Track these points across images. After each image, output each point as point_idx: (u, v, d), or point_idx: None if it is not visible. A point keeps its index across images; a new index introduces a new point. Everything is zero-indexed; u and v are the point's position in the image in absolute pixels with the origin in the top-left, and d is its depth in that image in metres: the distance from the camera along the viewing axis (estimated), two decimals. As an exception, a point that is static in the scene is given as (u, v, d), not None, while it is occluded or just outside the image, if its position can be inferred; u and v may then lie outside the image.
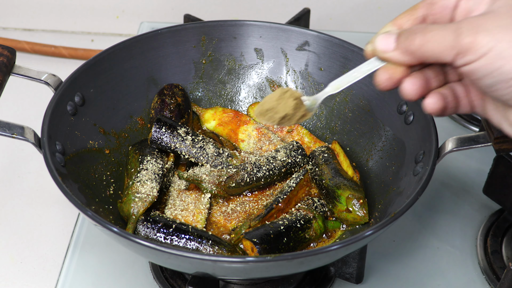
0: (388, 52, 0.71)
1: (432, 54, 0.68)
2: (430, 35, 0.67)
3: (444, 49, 0.66)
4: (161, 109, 1.06)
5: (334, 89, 0.78)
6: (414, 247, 1.03)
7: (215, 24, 1.12)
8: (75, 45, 1.48)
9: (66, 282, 0.97)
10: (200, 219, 0.94)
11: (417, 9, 0.73)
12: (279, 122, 0.79)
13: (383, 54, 0.71)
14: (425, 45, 0.68)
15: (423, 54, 0.68)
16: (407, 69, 0.72)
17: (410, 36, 0.69)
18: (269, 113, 0.79)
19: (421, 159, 0.91)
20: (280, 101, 0.79)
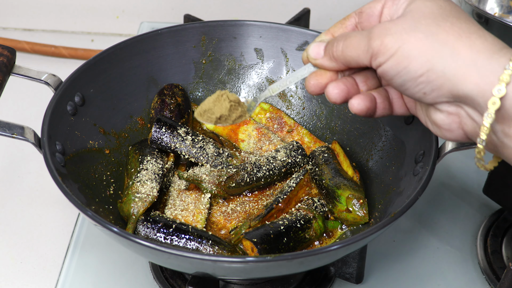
0: (318, 59, 0.78)
1: (352, 58, 0.74)
2: (348, 41, 0.74)
3: (361, 53, 0.72)
4: (161, 109, 1.06)
5: (271, 92, 0.84)
6: (414, 247, 1.03)
7: (215, 24, 1.12)
8: (75, 45, 1.48)
9: (66, 282, 0.97)
10: (200, 219, 0.94)
11: (348, 19, 0.80)
12: (216, 122, 0.84)
13: (314, 61, 0.78)
14: (345, 50, 0.74)
15: (345, 58, 0.75)
16: (334, 74, 0.78)
17: (334, 43, 0.76)
18: (207, 113, 0.85)
19: (421, 159, 0.91)
20: (216, 103, 0.84)
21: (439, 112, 0.72)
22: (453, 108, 0.70)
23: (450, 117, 0.71)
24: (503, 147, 0.68)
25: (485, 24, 1.11)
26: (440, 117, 0.72)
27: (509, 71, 0.64)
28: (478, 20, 1.12)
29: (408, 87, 0.70)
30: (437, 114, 0.72)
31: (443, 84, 0.68)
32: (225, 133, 1.10)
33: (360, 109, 0.77)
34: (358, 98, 0.77)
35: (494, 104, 0.65)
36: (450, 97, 0.69)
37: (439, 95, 0.69)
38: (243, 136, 1.09)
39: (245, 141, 1.09)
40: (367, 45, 0.71)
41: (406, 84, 0.70)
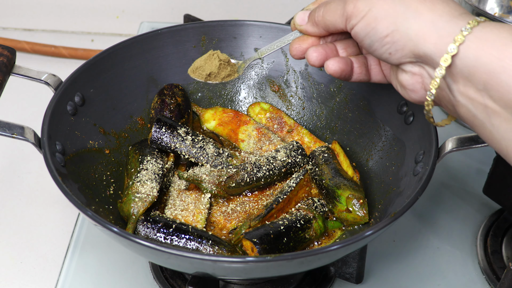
0: (302, 25, 0.85)
1: (330, 23, 0.81)
2: (328, 7, 0.81)
3: (337, 17, 0.79)
4: (161, 109, 1.06)
5: (260, 54, 0.92)
6: (414, 247, 1.03)
7: (215, 24, 1.12)
8: (75, 45, 1.48)
9: (66, 282, 0.97)
10: (200, 219, 0.94)
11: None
12: (206, 79, 0.94)
13: (299, 27, 0.86)
14: (324, 15, 0.81)
15: (325, 23, 0.81)
16: (316, 40, 0.85)
17: (316, 10, 0.83)
18: (198, 70, 0.95)
19: (421, 159, 0.91)
20: (207, 61, 0.95)
21: (404, 73, 0.77)
22: (416, 68, 0.75)
23: (414, 78, 0.76)
24: (458, 106, 0.72)
25: (485, 24, 1.10)
26: (405, 78, 0.77)
27: (465, 32, 0.68)
28: (478, 20, 1.12)
29: (376, 48, 0.76)
30: (403, 75, 0.77)
31: (406, 44, 0.73)
32: (225, 133, 1.10)
33: (334, 69, 0.83)
34: (333, 60, 0.83)
35: (445, 61, 0.69)
36: (412, 57, 0.74)
37: (403, 55, 0.74)
38: (243, 136, 1.09)
39: (245, 141, 1.09)
40: (343, 9, 0.77)
41: (374, 45, 0.76)
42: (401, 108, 0.99)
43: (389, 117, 1.02)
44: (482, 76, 0.67)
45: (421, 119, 0.94)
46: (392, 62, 0.76)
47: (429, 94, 0.74)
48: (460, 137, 0.89)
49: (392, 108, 1.01)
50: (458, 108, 0.72)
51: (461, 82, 0.70)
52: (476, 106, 0.70)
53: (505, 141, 0.68)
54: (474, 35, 0.68)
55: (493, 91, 0.67)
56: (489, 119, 0.69)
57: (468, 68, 0.68)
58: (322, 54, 0.84)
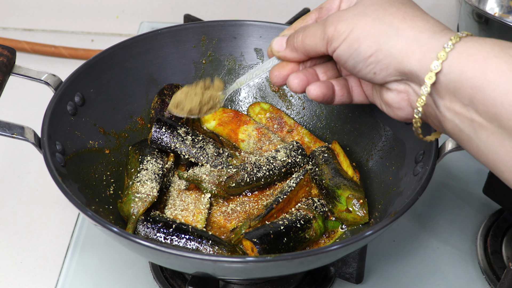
0: (281, 51, 0.84)
1: (310, 47, 0.79)
2: (307, 31, 0.80)
3: (318, 41, 0.78)
4: (161, 109, 1.06)
5: (239, 85, 0.91)
6: (414, 247, 1.03)
7: (215, 24, 1.12)
8: (75, 45, 1.48)
9: (66, 282, 0.97)
10: (200, 219, 0.94)
11: (309, 15, 0.86)
12: (188, 114, 0.90)
13: (278, 53, 0.85)
14: (304, 40, 0.80)
15: (305, 48, 0.80)
16: (296, 66, 0.84)
17: (295, 35, 0.82)
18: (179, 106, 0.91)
19: (421, 159, 0.91)
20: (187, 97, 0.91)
21: (389, 91, 0.77)
22: (401, 86, 0.75)
23: (400, 95, 0.76)
24: (445, 121, 0.72)
25: (485, 24, 1.11)
26: (391, 96, 0.77)
27: (447, 49, 0.68)
28: (478, 20, 1.12)
29: (360, 69, 0.75)
30: (388, 93, 0.77)
31: (390, 63, 0.73)
32: (225, 133, 1.10)
33: (316, 94, 0.82)
34: (314, 85, 0.82)
35: (430, 79, 0.69)
36: (397, 75, 0.73)
37: (387, 74, 0.74)
38: (243, 136, 1.09)
39: (245, 141, 1.09)
40: (323, 32, 0.77)
41: (358, 66, 0.75)
42: (401, 108, 0.99)
43: (389, 117, 1.01)
44: (467, 91, 0.67)
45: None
46: (377, 81, 0.76)
47: (416, 112, 0.74)
48: (460, 137, 0.88)
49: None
50: (444, 123, 0.72)
51: (447, 98, 0.70)
52: (462, 120, 0.70)
53: (492, 154, 0.69)
54: (457, 51, 0.68)
55: (478, 105, 0.67)
56: (475, 133, 0.69)
57: (453, 84, 0.68)
58: (303, 80, 0.83)
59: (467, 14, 1.15)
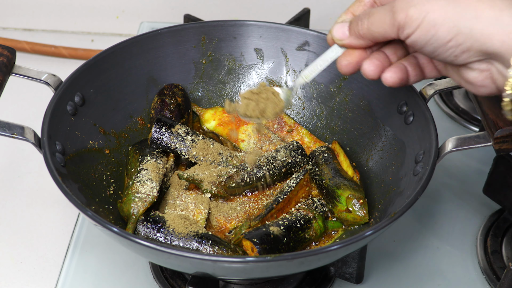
0: (345, 40, 0.80)
1: (379, 34, 0.77)
2: (373, 18, 0.76)
3: (387, 28, 0.75)
4: (161, 109, 1.06)
5: (305, 79, 0.86)
6: (414, 247, 1.03)
7: (215, 24, 1.12)
8: (75, 45, 1.48)
9: (66, 282, 0.97)
10: (200, 219, 0.94)
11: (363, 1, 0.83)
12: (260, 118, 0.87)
13: (341, 42, 0.81)
14: (371, 27, 0.77)
15: (372, 35, 0.77)
16: (363, 51, 0.81)
17: (358, 22, 0.78)
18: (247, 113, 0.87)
19: (421, 159, 0.91)
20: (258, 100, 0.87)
21: (471, 70, 0.75)
22: (484, 65, 0.74)
23: (483, 74, 0.74)
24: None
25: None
26: (473, 75, 0.75)
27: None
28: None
29: (440, 53, 0.73)
30: (470, 72, 0.75)
31: (472, 45, 0.71)
32: (225, 133, 1.10)
33: (394, 81, 0.80)
34: (390, 71, 0.80)
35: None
36: (480, 55, 0.72)
37: (470, 56, 0.72)
38: (243, 136, 1.09)
39: (245, 141, 1.09)
40: (392, 19, 0.74)
41: (437, 51, 0.73)
42: (401, 108, 0.99)
43: (389, 117, 1.02)
44: None
45: (421, 119, 0.94)
46: (458, 63, 0.74)
47: (505, 96, 0.72)
48: (460, 137, 0.88)
49: (392, 108, 1.01)
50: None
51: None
52: None
53: None
54: None
55: None
56: None
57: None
58: (379, 67, 0.80)
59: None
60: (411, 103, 0.97)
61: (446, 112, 1.28)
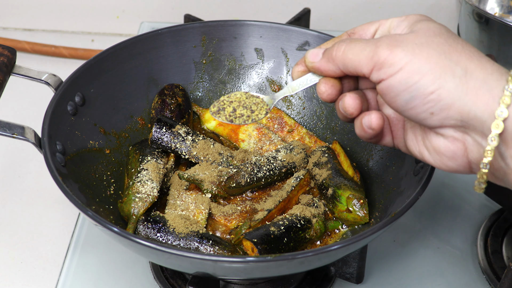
0: (315, 62, 0.74)
1: (351, 62, 0.70)
2: (353, 44, 0.70)
3: (363, 59, 0.68)
4: (161, 109, 1.06)
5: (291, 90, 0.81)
6: (414, 247, 1.03)
7: (215, 24, 1.12)
8: (76, 45, 1.48)
9: (66, 282, 0.97)
10: (200, 219, 0.94)
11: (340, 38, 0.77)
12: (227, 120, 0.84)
13: (311, 64, 0.75)
14: (347, 52, 0.70)
15: (344, 61, 0.71)
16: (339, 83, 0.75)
17: (335, 46, 0.72)
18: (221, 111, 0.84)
19: (421, 159, 0.91)
20: None
21: (442, 137, 0.69)
22: (458, 133, 0.67)
23: (455, 144, 0.68)
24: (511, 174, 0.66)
25: (485, 24, 1.11)
26: (444, 143, 0.69)
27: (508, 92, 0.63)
28: (478, 20, 1.12)
29: (415, 105, 0.67)
30: (440, 139, 0.69)
31: (453, 104, 0.65)
32: (225, 133, 1.10)
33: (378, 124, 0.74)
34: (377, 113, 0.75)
35: (497, 127, 0.63)
36: (458, 119, 0.66)
37: (447, 116, 0.66)
38: (243, 136, 1.09)
39: (245, 141, 1.09)
40: (373, 52, 0.68)
41: (414, 102, 0.67)
42: (401, 108, 0.99)
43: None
44: None
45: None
46: (430, 123, 0.67)
47: (483, 166, 0.66)
48: (460, 137, 0.88)
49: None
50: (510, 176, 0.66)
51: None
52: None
53: None
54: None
55: None
56: None
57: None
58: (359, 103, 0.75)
59: (467, 14, 1.15)
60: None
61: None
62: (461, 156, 0.69)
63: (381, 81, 0.68)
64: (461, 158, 0.69)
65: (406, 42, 0.67)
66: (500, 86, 0.64)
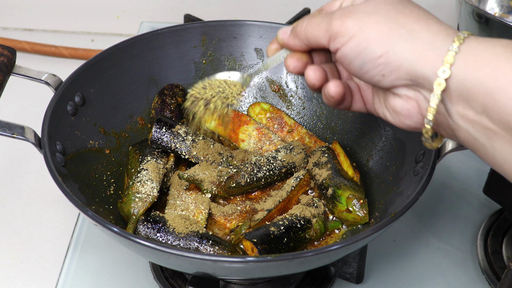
0: (284, 39, 0.79)
1: (312, 37, 0.75)
2: (312, 19, 0.75)
3: (321, 32, 0.73)
4: (161, 109, 1.06)
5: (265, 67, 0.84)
6: (414, 247, 1.03)
7: (215, 24, 1.12)
8: (75, 45, 1.48)
9: (66, 282, 0.97)
10: (200, 219, 0.94)
11: None
12: None
13: (281, 41, 0.80)
14: (307, 27, 0.75)
15: (306, 35, 0.76)
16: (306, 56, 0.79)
17: (299, 22, 0.77)
18: None
19: (421, 159, 0.91)
20: None
21: (397, 97, 0.72)
22: (411, 92, 0.71)
23: (409, 103, 0.72)
24: (459, 130, 0.68)
25: (485, 24, 1.11)
26: (399, 103, 0.73)
27: (452, 52, 0.66)
28: (478, 20, 1.12)
29: (367, 70, 0.71)
30: (396, 99, 0.73)
31: (401, 65, 0.69)
32: (225, 133, 1.10)
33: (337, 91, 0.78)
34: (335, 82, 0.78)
35: (439, 85, 0.66)
36: (408, 79, 0.69)
37: (397, 77, 0.70)
38: (243, 136, 1.09)
39: (245, 141, 1.09)
40: (328, 25, 0.72)
41: (365, 66, 0.71)
42: (401, 108, 0.99)
43: (389, 117, 1.02)
44: (479, 97, 0.64)
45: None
46: (384, 85, 0.72)
47: (427, 121, 0.70)
48: (460, 137, 0.88)
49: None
50: (458, 132, 0.69)
51: (460, 105, 0.67)
52: (476, 129, 0.66)
53: (508, 163, 0.65)
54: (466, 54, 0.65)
55: (491, 112, 0.64)
56: (490, 142, 0.66)
57: (466, 90, 0.65)
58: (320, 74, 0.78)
59: (467, 14, 1.15)
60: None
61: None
62: (416, 113, 0.72)
63: (337, 50, 0.73)
64: (416, 116, 0.72)
65: (356, 12, 0.71)
66: (445, 46, 0.67)
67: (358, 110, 0.82)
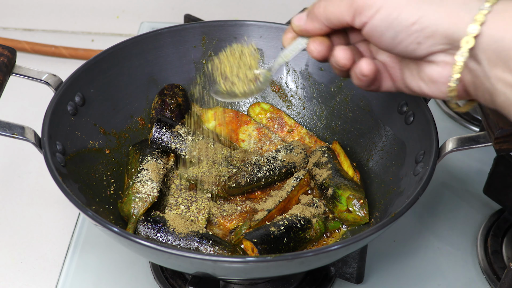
0: (301, 24, 0.76)
1: (334, 16, 0.72)
2: None
3: (343, 9, 0.70)
4: (161, 109, 1.06)
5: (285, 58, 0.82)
6: (414, 247, 1.03)
7: (215, 24, 1.12)
8: (76, 45, 1.48)
9: (66, 282, 0.97)
10: (200, 219, 0.94)
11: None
12: None
13: (297, 27, 0.77)
14: (327, 7, 0.72)
15: (327, 16, 0.73)
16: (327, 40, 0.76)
17: (316, 3, 0.74)
18: None
19: (421, 159, 0.91)
20: None
21: (434, 65, 0.70)
22: (448, 57, 0.68)
23: (447, 69, 0.69)
24: (496, 94, 0.66)
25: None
26: (436, 70, 0.70)
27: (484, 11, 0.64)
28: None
29: (401, 40, 0.68)
30: (432, 68, 0.70)
31: (437, 29, 0.66)
32: (226, 133, 1.10)
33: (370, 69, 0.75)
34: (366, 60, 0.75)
35: (467, 43, 0.65)
36: (445, 43, 0.67)
37: (434, 43, 0.67)
38: (243, 136, 1.09)
39: (246, 141, 1.09)
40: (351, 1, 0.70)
41: (399, 36, 0.68)
42: (401, 108, 0.99)
43: (389, 117, 1.02)
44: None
45: (422, 119, 0.94)
46: (419, 53, 0.69)
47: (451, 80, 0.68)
48: (460, 137, 0.89)
49: (392, 108, 1.01)
50: (496, 97, 0.66)
51: (499, 68, 0.64)
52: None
53: None
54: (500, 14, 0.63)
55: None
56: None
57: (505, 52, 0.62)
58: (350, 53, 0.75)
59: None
60: (412, 103, 0.97)
61: (446, 112, 1.28)
62: None
63: (365, 25, 0.70)
64: None
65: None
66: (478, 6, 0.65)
67: (387, 89, 0.79)
